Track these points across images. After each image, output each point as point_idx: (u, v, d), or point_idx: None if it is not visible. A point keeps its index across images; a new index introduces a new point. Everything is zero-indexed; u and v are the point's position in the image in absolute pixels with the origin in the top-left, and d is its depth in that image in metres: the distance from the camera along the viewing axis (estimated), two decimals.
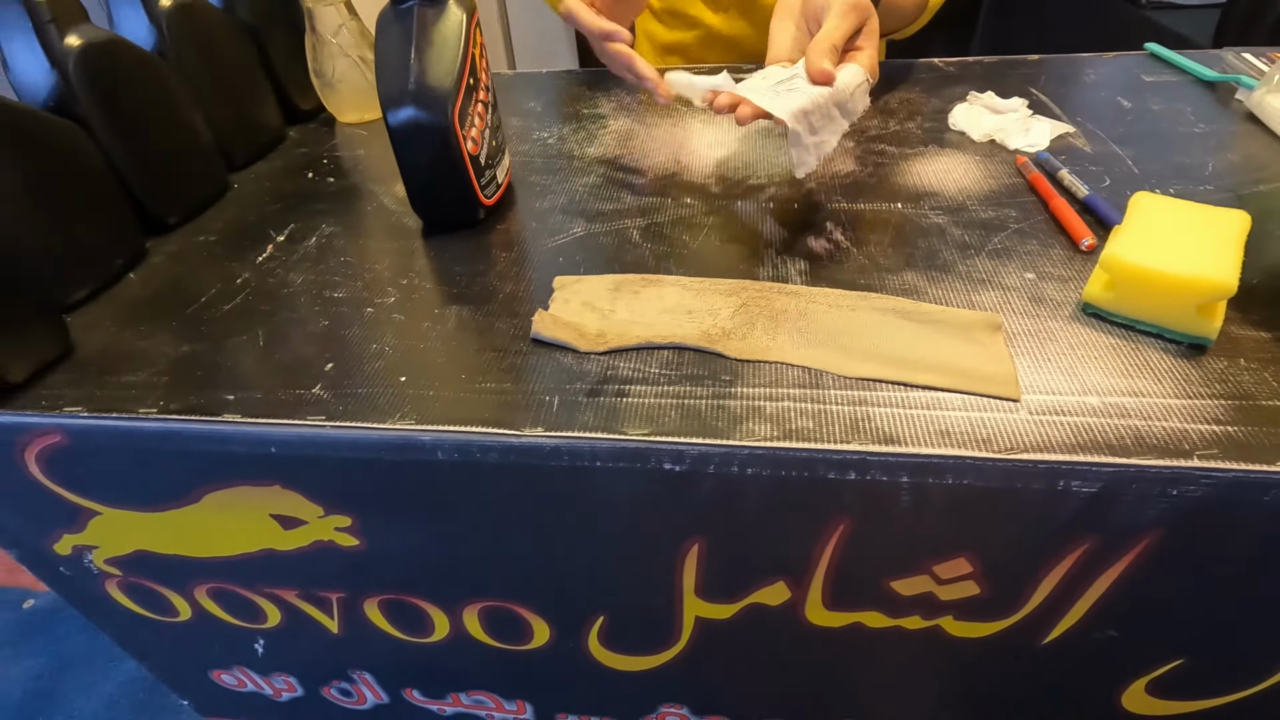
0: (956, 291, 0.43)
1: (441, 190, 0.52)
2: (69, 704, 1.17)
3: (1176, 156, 0.54)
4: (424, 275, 0.48)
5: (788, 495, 0.36)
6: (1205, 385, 0.35)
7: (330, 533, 0.44)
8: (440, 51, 0.48)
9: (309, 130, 0.71)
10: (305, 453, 0.38)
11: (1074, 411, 0.34)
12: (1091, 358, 0.37)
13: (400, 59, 0.47)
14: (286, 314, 0.45)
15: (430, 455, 0.37)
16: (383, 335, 0.43)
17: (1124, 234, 0.39)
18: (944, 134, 0.60)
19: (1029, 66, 0.71)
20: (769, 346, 0.39)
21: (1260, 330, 0.38)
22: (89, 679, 1.19)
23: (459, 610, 0.48)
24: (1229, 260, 0.36)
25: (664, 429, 0.35)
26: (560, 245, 0.50)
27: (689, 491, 0.36)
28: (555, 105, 0.72)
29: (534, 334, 0.41)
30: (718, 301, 0.43)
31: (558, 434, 0.35)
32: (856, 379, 0.37)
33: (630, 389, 0.38)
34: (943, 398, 0.36)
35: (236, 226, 0.55)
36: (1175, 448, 0.32)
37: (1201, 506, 0.32)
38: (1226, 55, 0.67)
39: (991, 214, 0.49)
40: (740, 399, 0.37)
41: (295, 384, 0.40)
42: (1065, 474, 0.32)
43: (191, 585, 0.51)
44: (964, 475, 0.33)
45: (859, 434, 0.34)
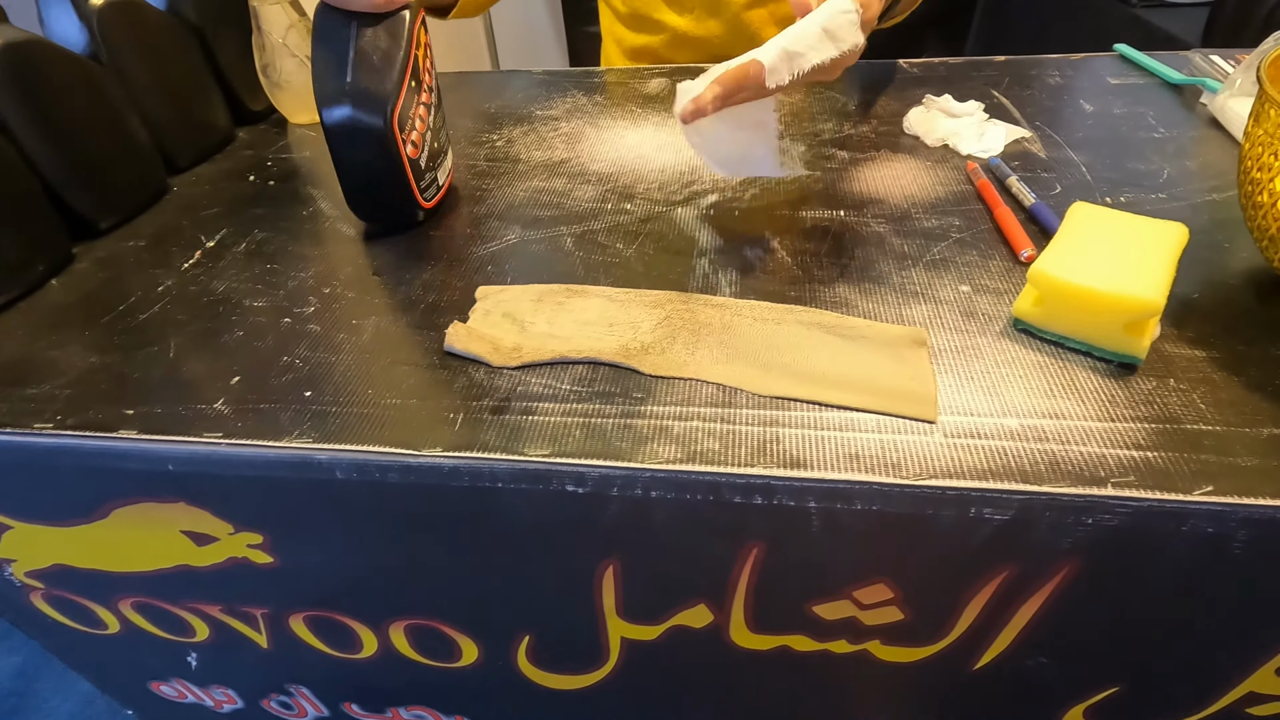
0: (888, 305, 0.41)
1: (379, 193, 0.50)
2: (44, 704, 1.17)
3: (1132, 163, 0.53)
4: (348, 284, 0.47)
5: (696, 518, 0.34)
6: (1130, 407, 0.34)
7: (243, 549, 0.42)
8: (383, 51, 0.46)
9: (259, 132, 0.70)
10: (204, 470, 0.37)
11: (990, 435, 0.33)
12: (1016, 376, 0.36)
13: (338, 56, 0.46)
14: (202, 324, 0.44)
15: (329, 474, 0.36)
16: (295, 347, 0.41)
17: (1055, 247, 0.37)
18: (898, 138, 0.59)
19: (993, 68, 0.69)
20: (686, 362, 0.38)
21: (1194, 348, 0.36)
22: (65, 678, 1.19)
23: (385, 628, 0.47)
24: (1159, 277, 0.34)
25: (566, 450, 0.34)
26: (492, 253, 0.49)
27: (597, 513, 0.35)
28: (510, 107, 0.70)
29: (447, 347, 0.40)
30: (641, 314, 0.41)
31: (456, 454, 0.34)
32: (771, 397, 0.36)
33: (538, 406, 0.36)
34: (856, 418, 0.34)
35: (168, 231, 0.54)
36: (1090, 474, 0.31)
37: (1119, 535, 0.31)
38: (1194, 57, 0.65)
39: (935, 223, 0.48)
40: (649, 418, 0.35)
41: (198, 398, 0.38)
42: (976, 501, 0.31)
43: (115, 599, 0.50)
44: (872, 501, 0.32)
45: (765, 456, 0.33)
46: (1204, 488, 0.30)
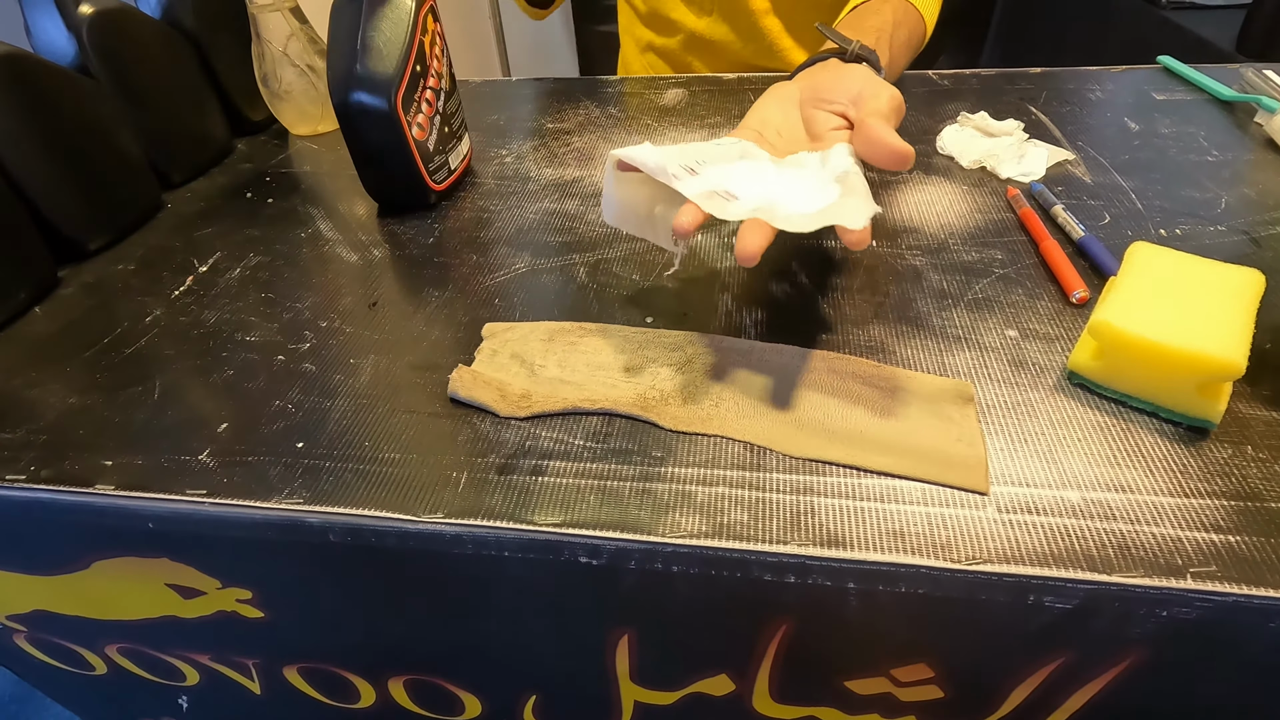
0: (928, 351, 0.38)
1: (389, 173, 0.52)
2: (45, 711, 1.16)
3: (1185, 190, 0.49)
4: (346, 316, 0.44)
5: (721, 593, 0.31)
6: (1205, 480, 0.30)
7: (232, 604, 0.40)
8: (386, 37, 0.48)
9: (258, 143, 0.67)
10: (186, 529, 0.34)
11: (1050, 510, 0.30)
12: (1075, 439, 0.33)
13: (348, 44, 0.48)
14: (191, 360, 0.41)
15: (321, 538, 0.33)
16: (289, 390, 0.39)
17: (1117, 294, 0.34)
18: (931, 159, 0.55)
19: (1029, 81, 0.65)
20: (709, 416, 0.35)
21: (1272, 409, 0.33)
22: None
23: (383, 681, 0.44)
24: (1238, 333, 0.31)
25: (579, 518, 0.31)
26: (500, 283, 0.46)
27: (612, 584, 0.32)
28: (520, 119, 0.67)
29: (451, 393, 0.37)
30: (660, 357, 0.38)
31: (459, 521, 0.31)
32: (803, 459, 0.33)
33: (548, 465, 0.33)
34: (899, 487, 0.31)
35: (159, 253, 0.51)
36: (1166, 562, 0.27)
37: (1196, 629, 0.28)
38: (1246, 72, 0.61)
39: (975, 256, 0.44)
40: (670, 481, 0.32)
41: (182, 448, 0.36)
42: (1035, 589, 0.28)
43: (101, 644, 0.47)
44: (918, 584, 0.29)
45: (799, 532, 0.30)
46: None
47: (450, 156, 0.54)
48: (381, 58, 0.48)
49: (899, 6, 0.55)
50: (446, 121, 0.54)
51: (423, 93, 0.50)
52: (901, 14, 0.54)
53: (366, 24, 0.48)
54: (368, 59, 0.48)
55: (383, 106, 0.48)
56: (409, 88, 0.49)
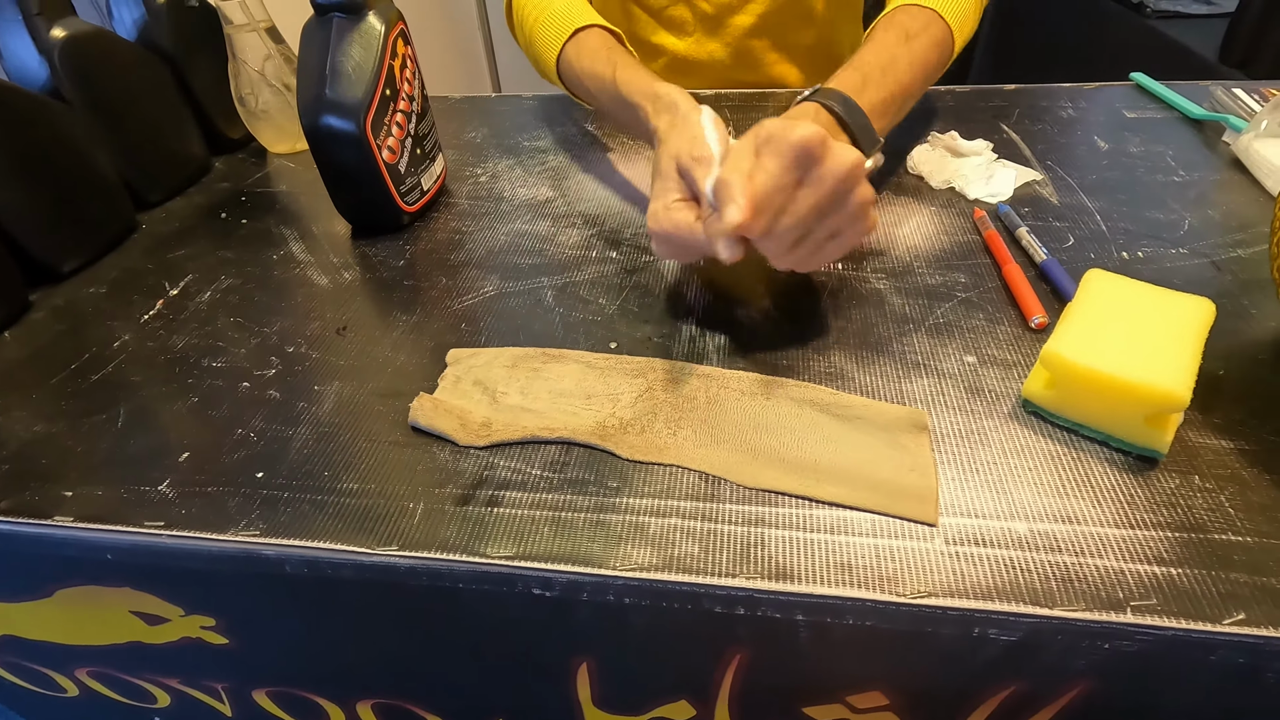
0: (886, 378, 0.38)
1: (360, 196, 0.53)
2: None
3: (1150, 211, 0.49)
4: (313, 342, 0.44)
5: (674, 624, 0.31)
6: (1151, 511, 0.30)
7: (197, 630, 0.40)
8: (356, 62, 0.49)
9: (237, 161, 0.67)
10: (144, 560, 0.34)
11: (997, 542, 0.30)
12: (1026, 468, 0.33)
13: (317, 68, 0.49)
14: (156, 387, 0.41)
15: (278, 569, 0.33)
16: (251, 418, 0.39)
17: (1070, 323, 0.34)
18: (901, 178, 0.56)
19: (1003, 98, 0.66)
20: (666, 445, 0.35)
21: (1221, 437, 0.33)
22: None
23: (352, 704, 0.44)
24: (1184, 365, 0.31)
25: (532, 551, 0.31)
26: (467, 307, 0.46)
27: (566, 615, 0.32)
28: (497, 136, 0.67)
29: (411, 422, 0.37)
30: (621, 384, 0.39)
31: (413, 554, 0.31)
32: (758, 490, 0.33)
33: (504, 496, 0.33)
34: (850, 519, 0.31)
35: (131, 276, 0.52)
36: (1108, 595, 0.28)
37: (1139, 659, 0.28)
38: (1216, 91, 0.62)
39: (939, 279, 0.45)
40: (624, 512, 0.32)
41: (143, 478, 0.36)
42: (980, 622, 0.28)
43: (71, 668, 0.47)
44: (865, 617, 0.29)
45: (749, 564, 0.30)
46: (1235, 615, 0.27)
47: (423, 178, 0.55)
48: (351, 82, 0.48)
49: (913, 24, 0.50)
50: (419, 143, 0.54)
51: (393, 116, 0.51)
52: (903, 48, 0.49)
53: (335, 49, 0.48)
54: (337, 84, 0.48)
55: (352, 130, 0.48)
56: (379, 111, 0.49)
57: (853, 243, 0.38)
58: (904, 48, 0.48)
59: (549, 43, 0.57)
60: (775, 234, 0.35)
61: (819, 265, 0.39)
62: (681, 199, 0.38)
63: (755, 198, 0.34)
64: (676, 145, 0.39)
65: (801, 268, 0.38)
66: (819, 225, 0.36)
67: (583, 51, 0.55)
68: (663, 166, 0.39)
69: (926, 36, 0.50)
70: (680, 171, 0.39)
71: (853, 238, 0.37)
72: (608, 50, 0.53)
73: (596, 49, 0.54)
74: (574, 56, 0.55)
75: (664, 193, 0.39)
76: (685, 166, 0.38)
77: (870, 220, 0.37)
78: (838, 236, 0.37)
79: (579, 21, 0.56)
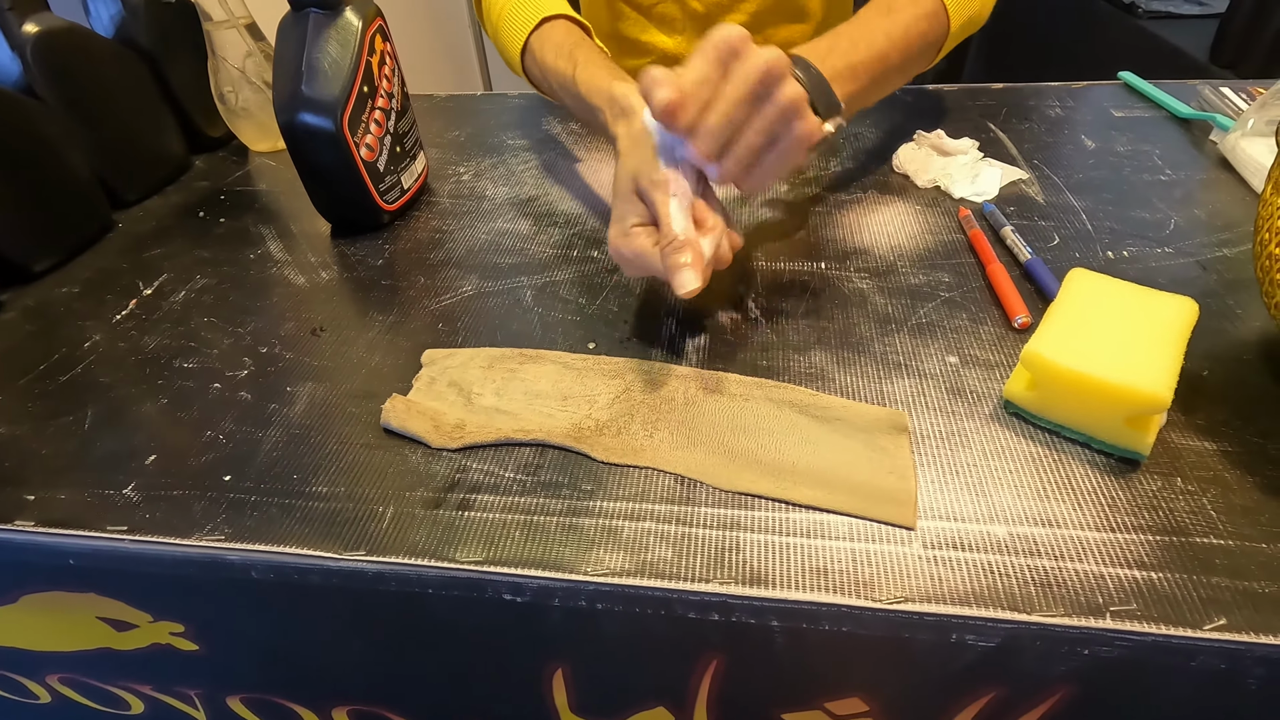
0: (867, 378, 0.38)
1: (338, 194, 0.52)
2: None
3: (1136, 210, 0.49)
4: (287, 343, 0.43)
5: (647, 630, 0.31)
6: (1132, 513, 0.30)
7: (166, 637, 0.39)
8: (332, 59, 0.48)
9: (217, 160, 0.67)
10: (108, 566, 0.33)
11: (975, 545, 0.29)
12: (1006, 470, 0.32)
13: (293, 65, 0.48)
14: (125, 388, 0.41)
15: (243, 574, 0.32)
16: (221, 420, 0.38)
17: (1051, 323, 0.34)
18: (887, 177, 0.55)
19: (990, 97, 0.65)
20: (642, 447, 0.34)
21: (1204, 439, 0.33)
22: None
23: (327, 711, 0.44)
24: (1166, 366, 0.31)
25: (502, 556, 0.30)
26: (445, 307, 0.45)
27: (538, 620, 0.32)
28: (480, 135, 0.67)
29: (384, 423, 0.37)
30: (598, 385, 0.38)
31: (381, 559, 0.31)
32: (734, 492, 0.32)
33: (476, 499, 0.33)
34: (826, 522, 0.31)
35: (105, 276, 0.51)
36: (1088, 600, 0.27)
37: (1119, 665, 0.27)
38: (1204, 90, 0.62)
39: (923, 279, 0.44)
40: (598, 515, 0.32)
41: (107, 481, 0.35)
42: (957, 627, 0.27)
43: (42, 674, 0.46)
44: (841, 623, 0.28)
45: (723, 568, 0.29)
46: (1215, 621, 0.26)
47: (403, 176, 0.54)
48: (327, 79, 0.48)
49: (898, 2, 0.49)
50: (398, 141, 0.53)
51: (371, 113, 0.50)
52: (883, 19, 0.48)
53: (312, 45, 0.48)
54: (313, 81, 0.47)
55: (329, 128, 0.48)
56: (356, 109, 0.48)
57: (794, 153, 0.37)
58: (882, 19, 0.48)
59: (514, 34, 0.55)
60: (704, 129, 0.35)
61: (766, 178, 0.38)
62: (640, 223, 0.38)
63: (680, 85, 0.34)
64: (634, 165, 0.39)
65: (748, 180, 0.37)
66: (748, 124, 0.36)
67: (546, 45, 0.53)
68: (620, 187, 0.39)
69: (912, 9, 0.49)
70: (638, 193, 0.38)
71: (792, 143, 0.36)
72: (571, 44, 0.51)
73: (560, 42, 0.52)
74: (538, 49, 0.53)
75: (623, 216, 0.38)
76: (643, 189, 0.38)
77: (807, 121, 0.36)
78: (777, 142, 0.36)
79: (545, 11, 0.54)
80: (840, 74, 0.43)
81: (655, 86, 0.35)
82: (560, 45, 0.52)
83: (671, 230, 0.36)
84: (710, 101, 0.35)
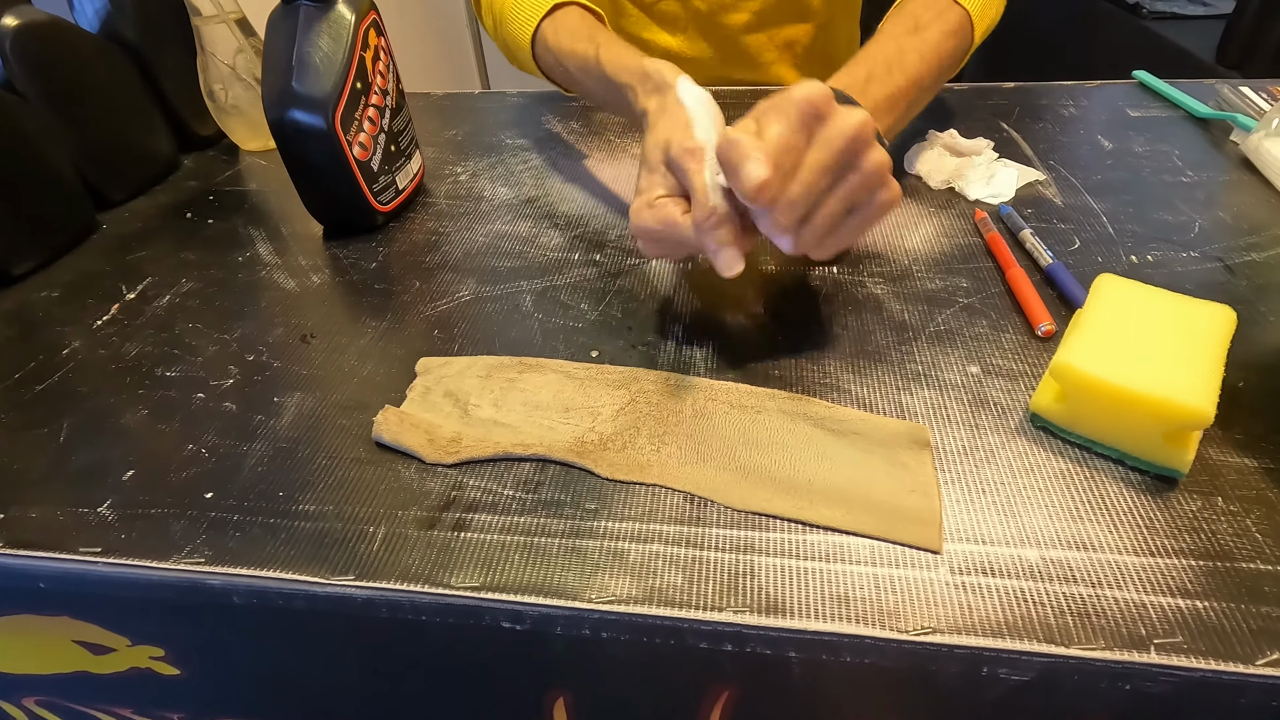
0: (885, 389, 0.36)
1: (330, 195, 0.50)
2: None
3: (1158, 213, 0.47)
4: (276, 350, 0.41)
5: (655, 659, 0.29)
6: (1172, 537, 0.28)
7: (145, 660, 0.37)
8: (324, 54, 0.46)
9: (207, 159, 0.65)
10: (80, 589, 0.32)
11: (1006, 571, 0.27)
12: (1035, 488, 0.30)
13: (283, 60, 0.46)
14: (104, 398, 0.39)
15: (224, 599, 0.30)
16: (204, 432, 0.36)
17: (1080, 332, 0.32)
18: (900, 178, 0.53)
19: (1002, 96, 0.64)
20: (649, 463, 0.33)
21: (1244, 455, 0.31)
22: None
23: None
24: (1207, 378, 0.29)
25: (500, 581, 0.28)
26: (441, 313, 0.43)
27: (539, 648, 0.30)
28: (478, 134, 0.65)
29: (375, 436, 0.35)
30: (602, 396, 0.36)
31: (371, 585, 0.29)
32: (746, 512, 0.30)
33: (473, 519, 0.31)
34: (846, 544, 0.29)
35: (87, 279, 0.49)
36: (1129, 632, 0.25)
37: (1162, 703, 0.26)
38: (1223, 89, 0.60)
39: (939, 284, 0.42)
40: (602, 537, 0.30)
41: (82, 499, 0.33)
42: (989, 660, 0.26)
43: (18, 696, 0.44)
44: (864, 654, 0.26)
45: (737, 596, 0.27)
46: (1268, 654, 0.24)
47: (398, 176, 0.52)
48: (319, 75, 0.46)
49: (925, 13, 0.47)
50: (393, 140, 0.51)
51: (365, 111, 0.48)
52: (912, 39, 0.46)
53: (303, 39, 0.46)
54: (304, 76, 0.46)
55: (320, 126, 0.46)
56: (349, 106, 0.47)
57: (875, 217, 0.34)
58: (913, 39, 0.46)
59: (524, 20, 0.53)
60: (785, 201, 0.32)
61: (839, 246, 0.35)
62: (667, 194, 0.36)
63: (772, 157, 0.31)
64: (665, 133, 0.36)
65: (821, 250, 0.34)
66: (831, 193, 0.33)
67: (561, 30, 0.51)
68: (649, 156, 0.37)
69: (940, 24, 0.47)
70: (668, 163, 0.36)
71: (873, 211, 0.34)
72: (589, 28, 0.49)
73: (576, 27, 0.50)
74: (551, 35, 0.51)
75: (649, 187, 0.36)
76: (674, 158, 0.35)
77: (891, 189, 0.34)
78: (857, 210, 0.34)
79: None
80: (881, 106, 0.41)
81: (745, 160, 0.30)
82: (576, 30, 0.50)
83: (708, 203, 0.33)
84: (793, 170, 0.32)
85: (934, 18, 0.47)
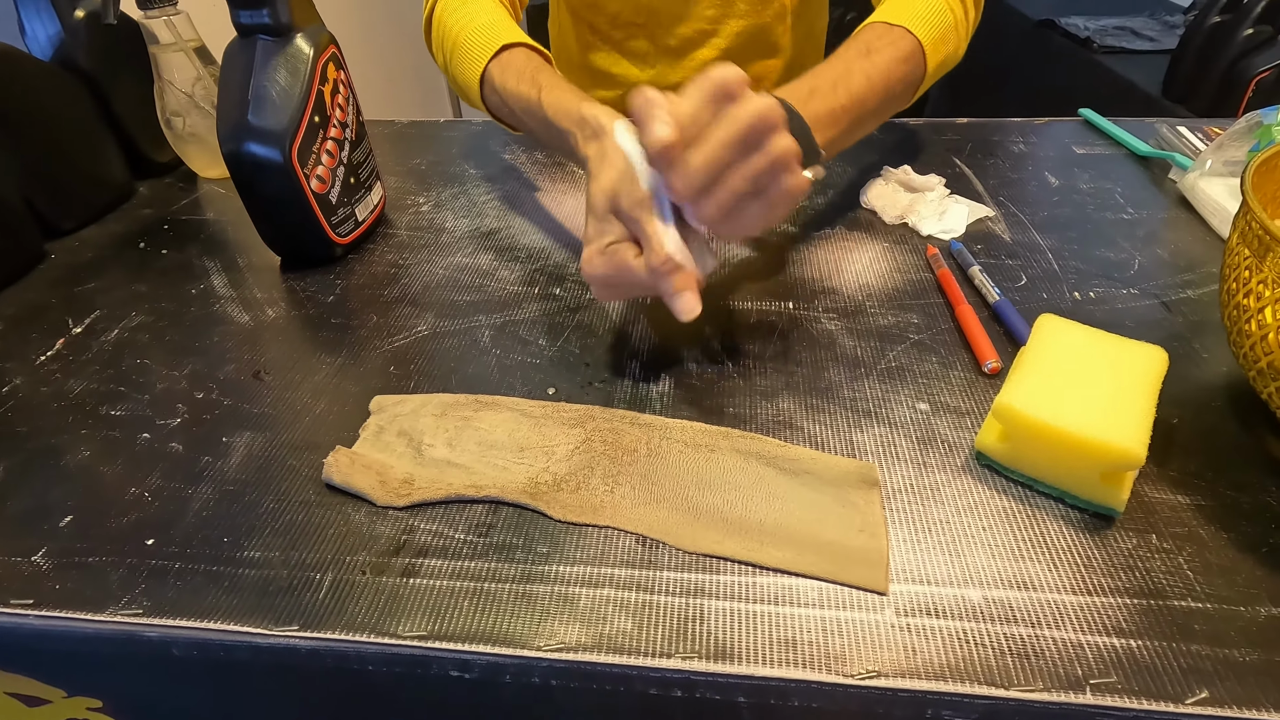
0: (836, 426, 0.36)
1: (288, 227, 0.50)
2: None
3: (1101, 249, 0.49)
4: (226, 387, 0.40)
5: (605, 706, 0.29)
6: (1109, 575, 0.29)
7: (83, 713, 0.36)
8: (281, 87, 0.46)
9: (163, 186, 0.64)
10: (11, 642, 0.30)
11: (950, 613, 0.28)
12: (979, 528, 0.31)
13: (239, 93, 0.46)
14: (45, 439, 0.38)
15: (163, 651, 0.29)
16: (148, 474, 0.35)
17: (1023, 372, 0.33)
18: (855, 212, 0.55)
19: (955, 131, 0.66)
20: (602, 504, 0.33)
21: (1177, 492, 0.32)
22: None
23: None
24: (1140, 420, 0.30)
25: (447, 629, 0.28)
26: (398, 348, 0.43)
27: (489, 696, 0.29)
28: (442, 163, 0.65)
29: (325, 478, 0.34)
30: (557, 435, 0.36)
31: (315, 635, 0.28)
32: (698, 554, 0.31)
33: (422, 564, 0.31)
34: (794, 587, 0.29)
35: (32, 312, 0.47)
36: (1067, 672, 0.26)
37: None
38: (1161, 128, 0.62)
39: (891, 320, 0.43)
40: (553, 581, 0.30)
41: (15, 547, 0.32)
42: (933, 703, 0.26)
43: None
44: (811, 699, 0.27)
45: (686, 642, 0.27)
46: (1197, 693, 0.25)
47: (357, 208, 0.52)
48: (276, 108, 0.45)
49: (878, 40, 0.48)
50: (352, 172, 0.51)
51: (323, 144, 0.48)
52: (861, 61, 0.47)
53: (260, 73, 0.46)
54: (261, 109, 0.45)
55: (277, 159, 0.46)
56: (306, 139, 0.46)
57: (780, 203, 0.35)
58: (863, 61, 0.47)
59: (472, 61, 0.53)
60: (686, 168, 0.33)
61: (746, 227, 0.36)
62: (618, 240, 0.36)
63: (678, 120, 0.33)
64: (610, 182, 0.37)
65: (726, 226, 0.35)
66: (734, 169, 0.34)
67: (508, 70, 0.51)
68: (595, 204, 0.37)
69: (891, 51, 0.48)
70: (615, 212, 0.37)
71: (778, 195, 0.35)
72: (533, 69, 0.50)
73: (522, 68, 0.50)
74: (499, 76, 0.51)
75: (598, 235, 0.36)
76: (626, 210, 0.36)
77: (796, 177, 0.35)
78: (762, 194, 0.34)
79: (504, 39, 0.52)
80: (821, 119, 0.42)
81: (653, 120, 0.33)
82: (522, 71, 0.50)
83: (663, 250, 0.34)
84: (696, 140, 0.34)
85: (886, 44, 0.48)
